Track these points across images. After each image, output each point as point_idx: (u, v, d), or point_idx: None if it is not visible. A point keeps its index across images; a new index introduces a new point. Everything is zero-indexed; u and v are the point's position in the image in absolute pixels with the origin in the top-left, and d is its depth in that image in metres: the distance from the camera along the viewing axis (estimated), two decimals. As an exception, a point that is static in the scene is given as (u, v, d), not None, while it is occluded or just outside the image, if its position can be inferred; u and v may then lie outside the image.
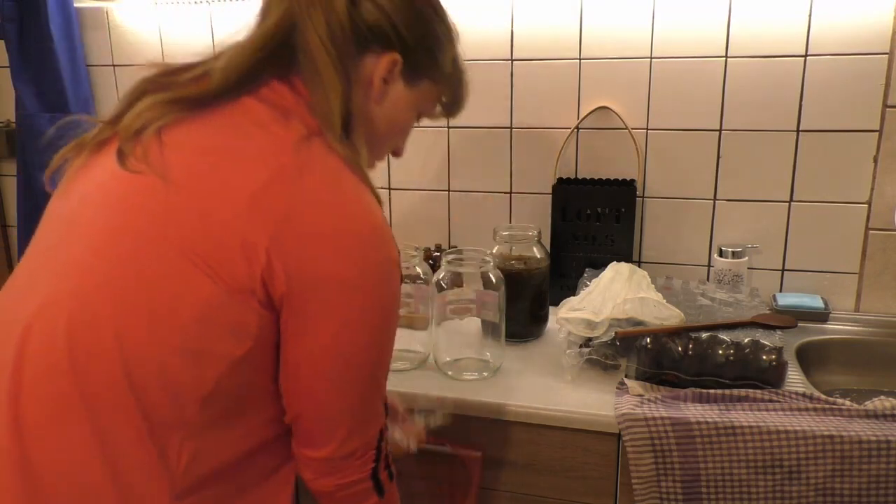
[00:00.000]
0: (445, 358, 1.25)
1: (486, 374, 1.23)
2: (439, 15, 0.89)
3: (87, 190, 0.78)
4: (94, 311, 0.71)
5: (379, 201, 0.79)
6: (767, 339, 1.13)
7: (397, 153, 0.98)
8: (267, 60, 0.79)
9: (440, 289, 1.22)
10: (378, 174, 1.69)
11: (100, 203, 0.76)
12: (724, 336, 1.14)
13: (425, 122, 1.47)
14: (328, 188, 0.74)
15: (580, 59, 1.51)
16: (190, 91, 0.78)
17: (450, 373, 1.23)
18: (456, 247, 1.62)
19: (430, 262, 1.48)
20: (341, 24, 0.79)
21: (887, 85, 1.37)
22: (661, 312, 1.21)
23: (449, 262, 1.23)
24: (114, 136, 0.78)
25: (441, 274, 1.23)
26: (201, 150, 0.75)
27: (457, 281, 1.22)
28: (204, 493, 0.75)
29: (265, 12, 0.82)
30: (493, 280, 1.22)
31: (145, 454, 0.71)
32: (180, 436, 0.72)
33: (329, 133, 0.77)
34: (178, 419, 0.71)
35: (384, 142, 0.91)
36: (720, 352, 1.13)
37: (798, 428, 1.01)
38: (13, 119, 1.87)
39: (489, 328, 1.26)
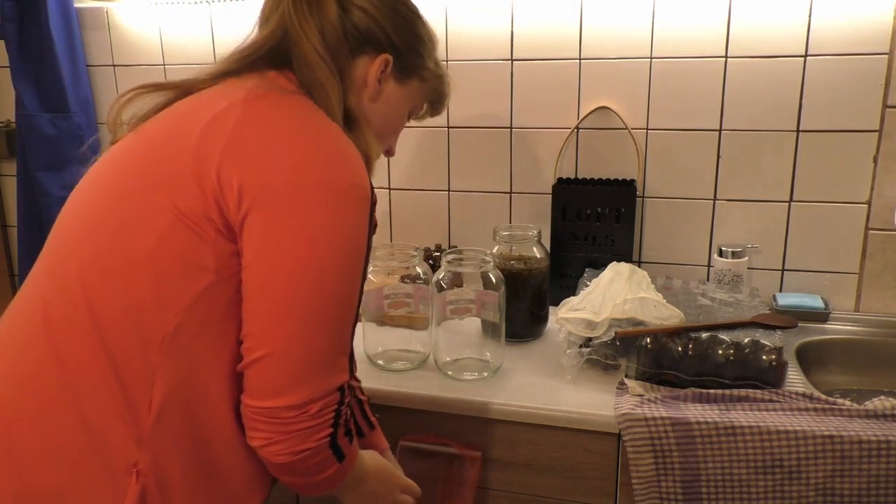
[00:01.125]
0: (445, 358, 1.25)
1: (486, 374, 1.23)
2: (420, 19, 0.97)
3: (91, 171, 0.86)
4: (64, 258, 0.77)
5: (368, 169, 0.82)
6: (767, 339, 1.13)
7: (390, 152, 1.04)
8: (252, 64, 0.86)
9: (440, 289, 1.22)
10: (378, 174, 1.69)
11: (93, 172, 0.84)
12: (724, 336, 1.14)
13: (426, 122, 1.48)
14: (291, 109, 0.79)
15: (580, 59, 1.51)
16: (179, 82, 0.86)
17: (450, 373, 1.23)
18: (456, 247, 1.62)
19: (430, 262, 1.48)
20: (335, 31, 0.85)
21: (887, 85, 1.37)
22: (661, 312, 1.21)
23: (449, 262, 1.23)
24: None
25: (441, 274, 1.23)
26: (177, 113, 0.82)
27: (457, 281, 1.22)
28: (175, 441, 0.73)
29: (259, 26, 0.89)
30: (493, 280, 1.22)
31: (111, 396, 0.71)
32: (146, 379, 0.71)
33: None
34: (143, 362, 0.72)
35: (379, 140, 0.94)
36: (720, 352, 1.13)
37: (798, 428, 1.01)
38: (13, 119, 1.87)
39: (489, 328, 1.26)
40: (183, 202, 0.72)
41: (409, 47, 0.93)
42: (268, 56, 0.86)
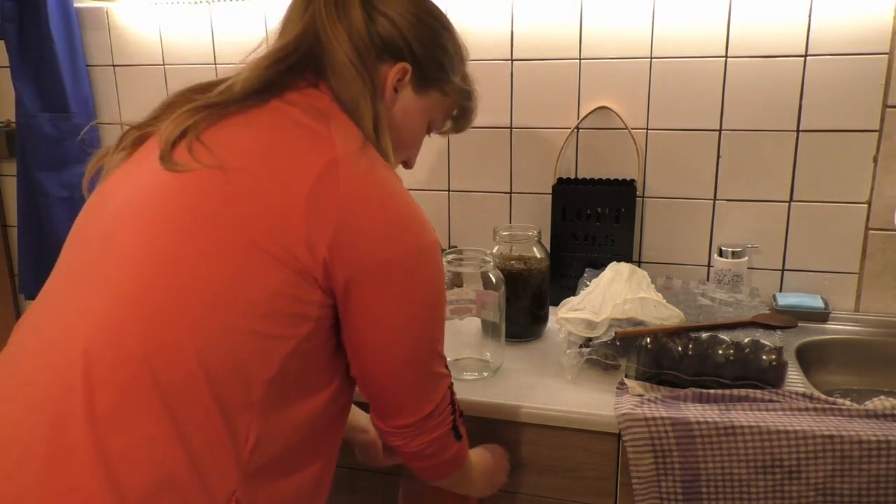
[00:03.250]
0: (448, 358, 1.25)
1: (486, 374, 1.23)
2: (448, 30, 0.96)
3: (127, 196, 0.80)
4: (160, 303, 0.72)
5: None
6: (767, 339, 1.13)
7: (409, 164, 1.04)
8: (288, 71, 0.85)
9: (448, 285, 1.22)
10: (378, 174, 1.69)
11: (146, 203, 0.78)
12: (724, 336, 1.14)
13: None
14: (375, 183, 0.80)
15: (580, 59, 1.51)
16: (217, 98, 0.83)
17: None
18: (456, 247, 1.62)
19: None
20: (361, 37, 0.86)
21: (887, 85, 1.37)
22: (661, 312, 1.21)
23: (449, 262, 1.23)
24: (145, 140, 0.84)
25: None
26: (246, 147, 0.79)
27: (457, 281, 1.22)
28: (269, 473, 0.77)
29: (284, 28, 0.89)
30: (493, 280, 1.22)
31: (217, 437, 0.72)
32: (248, 417, 0.74)
33: (365, 134, 0.84)
34: (245, 401, 0.74)
35: (396, 151, 0.94)
36: (720, 352, 1.13)
37: (798, 428, 1.01)
38: (13, 119, 1.87)
39: (489, 328, 1.26)
40: (295, 260, 0.74)
41: (432, 59, 0.93)
42: (298, 64, 0.86)
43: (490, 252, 1.28)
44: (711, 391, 1.09)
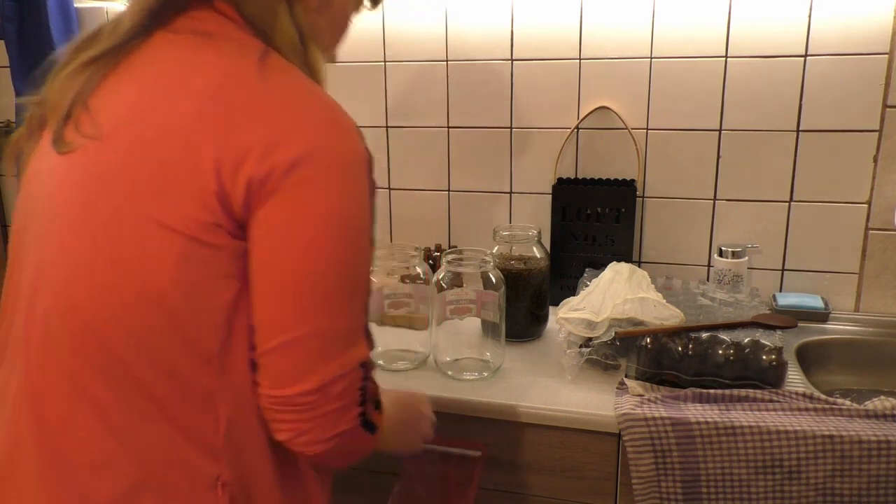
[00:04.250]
0: (445, 358, 1.25)
1: (486, 374, 1.23)
2: None
3: (33, 191, 0.76)
4: (73, 303, 0.69)
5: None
6: (767, 339, 1.13)
7: (333, 59, 0.90)
8: None
9: (440, 289, 1.22)
10: (378, 174, 1.69)
11: (46, 200, 0.73)
12: (724, 336, 1.14)
13: (426, 121, 1.48)
14: (273, 89, 0.70)
15: (580, 59, 1.51)
16: (105, 44, 0.75)
17: (450, 373, 1.23)
18: (456, 247, 1.62)
19: (430, 262, 1.48)
20: None
21: (887, 85, 1.37)
22: (661, 312, 1.21)
23: (449, 262, 1.23)
24: (49, 118, 0.76)
25: (441, 274, 1.23)
26: (129, 103, 0.71)
27: (457, 281, 1.22)
28: (250, 448, 0.73)
29: None
30: (493, 280, 1.22)
31: (186, 426, 0.69)
32: (206, 402, 0.69)
33: (284, 50, 0.74)
34: (198, 388, 0.69)
35: (326, 54, 0.84)
36: (720, 352, 1.13)
37: (798, 428, 1.01)
38: (13, 119, 1.87)
39: (489, 328, 1.26)
40: (190, 217, 0.67)
41: None
42: None
43: (490, 252, 1.28)
44: (711, 391, 1.09)
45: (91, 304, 0.69)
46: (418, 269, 1.27)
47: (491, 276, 1.22)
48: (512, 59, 1.55)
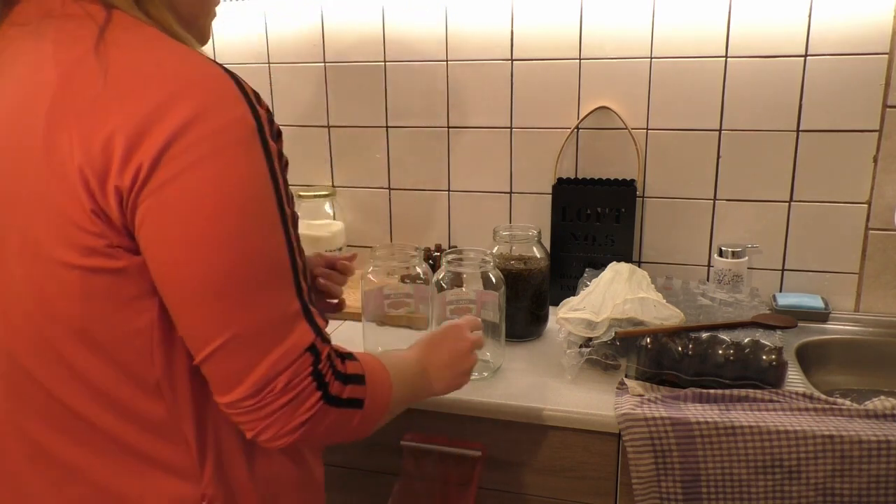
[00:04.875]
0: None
1: (486, 374, 1.23)
2: None
3: None
4: (2, 349, 0.66)
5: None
6: (767, 339, 1.13)
7: (204, 39, 0.78)
8: None
9: (440, 289, 1.22)
10: (378, 174, 1.69)
11: None
12: (724, 336, 1.14)
13: (426, 121, 1.47)
14: (134, 57, 0.61)
15: (580, 59, 1.51)
16: None
17: None
18: (456, 247, 1.62)
19: (430, 262, 1.48)
20: None
21: (887, 85, 1.37)
22: (661, 312, 1.21)
23: (449, 262, 1.23)
24: None
25: (441, 274, 1.23)
26: None
27: (457, 281, 1.22)
28: (229, 462, 0.71)
29: None
30: (493, 280, 1.22)
31: (160, 454, 0.67)
32: (168, 425, 0.67)
33: (125, 10, 0.64)
34: (157, 416, 0.66)
35: (191, 29, 0.72)
36: (720, 352, 1.13)
37: (798, 428, 1.01)
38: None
39: (489, 328, 1.26)
40: (81, 246, 0.60)
41: None
42: None
43: (490, 252, 1.28)
44: (711, 391, 1.09)
45: (19, 347, 0.65)
46: (418, 269, 1.27)
47: (491, 276, 1.22)
48: (512, 59, 1.55)
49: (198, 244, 0.60)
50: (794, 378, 1.18)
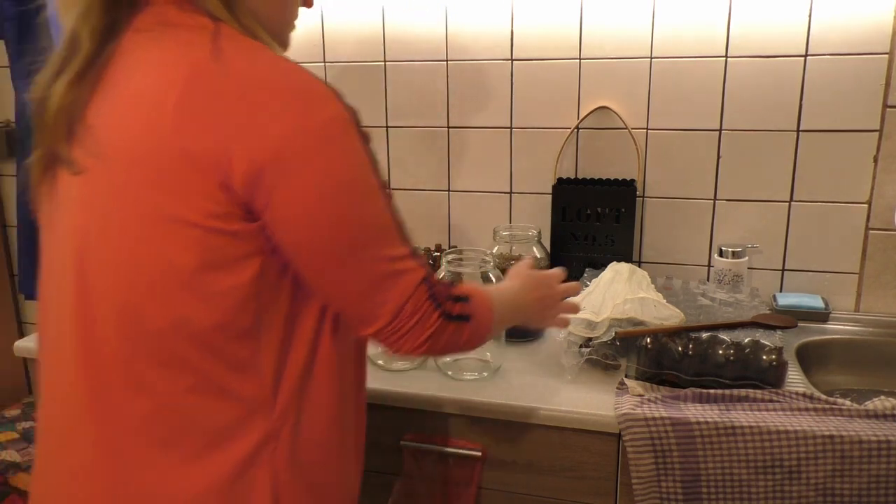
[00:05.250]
0: (445, 358, 1.25)
1: (486, 374, 1.23)
2: None
3: (59, 206, 0.79)
4: (121, 299, 0.74)
5: None
6: (767, 339, 1.13)
7: (308, 2, 0.89)
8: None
9: None
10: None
11: (74, 212, 0.77)
12: (724, 336, 1.14)
13: (426, 121, 1.47)
14: (247, 64, 0.71)
15: (580, 59, 1.51)
16: (76, 62, 0.75)
17: (450, 372, 1.23)
18: (456, 247, 1.62)
19: (430, 262, 1.48)
20: None
21: (887, 85, 1.37)
22: (661, 312, 1.21)
23: (449, 262, 1.23)
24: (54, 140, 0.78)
25: (441, 274, 1.23)
26: (120, 115, 0.73)
27: (457, 281, 1.22)
28: (298, 416, 0.79)
29: None
30: (493, 280, 1.22)
31: (238, 396, 0.76)
32: (253, 372, 0.76)
33: (227, 22, 0.75)
34: (241, 358, 0.75)
35: (278, 42, 0.83)
36: (720, 352, 1.13)
37: (798, 428, 1.01)
38: (13, 119, 1.87)
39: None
40: (203, 210, 0.70)
41: None
42: None
43: (490, 252, 1.28)
44: (711, 391, 1.09)
45: (133, 296, 0.74)
46: (418, 269, 1.27)
47: (491, 276, 1.22)
48: (512, 59, 1.55)
49: (321, 225, 0.73)
50: (794, 378, 1.18)
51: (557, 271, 1.07)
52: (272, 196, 0.71)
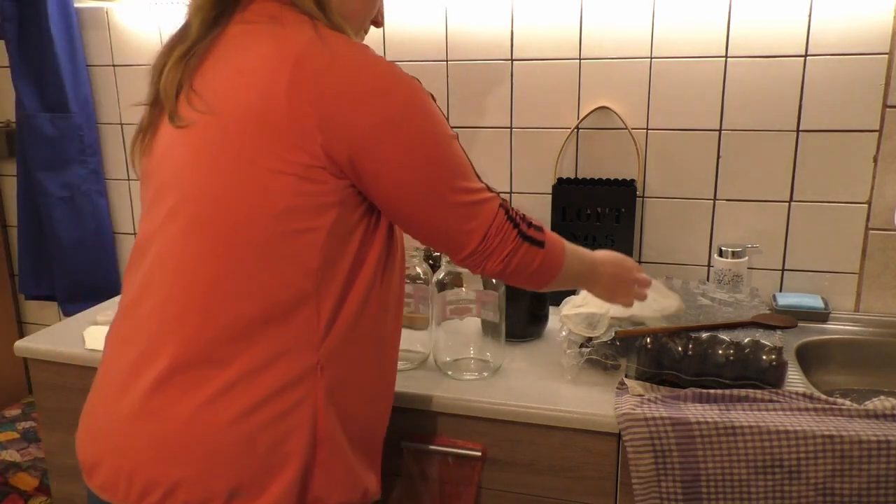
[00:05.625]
0: (445, 358, 1.25)
1: (486, 374, 1.23)
2: None
3: (163, 160, 0.91)
4: (211, 227, 0.85)
5: None
6: (767, 339, 1.13)
7: (378, 23, 1.05)
8: None
9: (440, 288, 1.22)
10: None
11: (179, 163, 0.88)
12: (724, 336, 1.14)
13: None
14: (338, 57, 0.83)
15: (580, 59, 1.51)
16: (193, 38, 0.90)
17: (450, 373, 1.23)
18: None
19: (430, 262, 1.48)
20: None
21: (887, 85, 1.37)
22: (659, 303, 1.20)
23: (449, 262, 1.23)
24: (162, 111, 0.91)
25: (441, 274, 1.23)
26: (229, 78, 0.86)
27: (457, 281, 1.22)
28: (344, 349, 0.89)
29: None
30: (494, 280, 1.22)
31: (294, 323, 0.85)
32: (312, 303, 0.85)
33: (320, 19, 0.88)
34: (304, 290, 0.85)
35: (350, 24, 0.95)
36: (720, 352, 1.13)
37: (798, 428, 1.01)
38: (13, 119, 1.87)
39: (489, 328, 1.26)
40: (298, 163, 0.82)
41: None
42: None
43: None
44: (711, 391, 1.09)
45: (226, 226, 0.84)
46: (418, 269, 1.27)
47: None
48: (512, 59, 1.55)
49: (413, 176, 0.86)
50: (794, 378, 1.18)
51: (635, 264, 1.16)
52: (369, 157, 0.83)
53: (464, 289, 1.22)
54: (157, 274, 0.88)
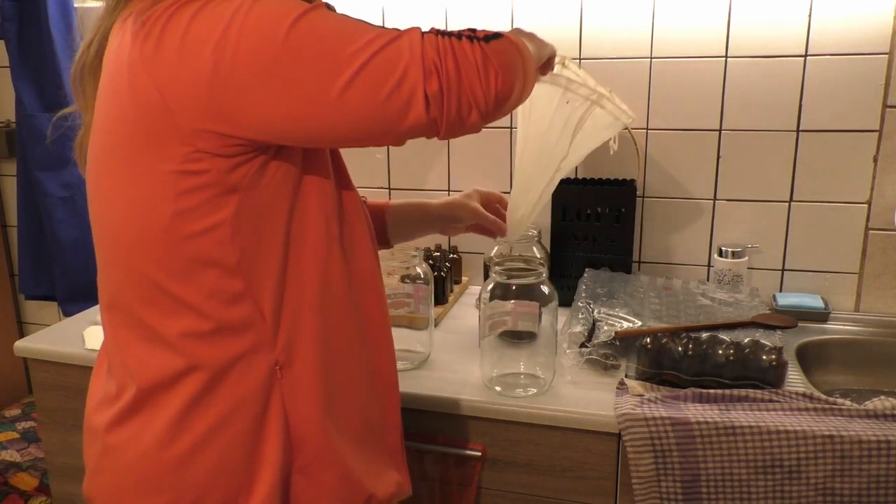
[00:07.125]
0: (493, 373, 1.19)
1: (534, 390, 1.16)
2: None
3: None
4: (114, 243, 0.81)
5: None
6: (767, 339, 1.13)
7: None
8: None
9: (492, 297, 1.14)
10: (378, 174, 1.69)
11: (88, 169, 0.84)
12: (724, 336, 1.14)
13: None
14: (164, 24, 0.72)
15: (580, 60, 1.51)
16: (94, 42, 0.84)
17: (498, 388, 1.17)
18: (455, 247, 1.62)
19: (430, 262, 1.48)
20: None
21: (887, 85, 1.37)
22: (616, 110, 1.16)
23: (498, 274, 1.14)
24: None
25: (490, 285, 1.15)
26: (103, 82, 0.80)
27: (508, 294, 1.14)
28: (298, 327, 0.82)
29: None
30: (546, 292, 1.15)
31: (242, 319, 0.79)
32: (246, 303, 0.79)
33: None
34: (228, 294, 0.78)
35: None
36: (720, 352, 1.13)
37: (798, 428, 1.01)
38: (13, 119, 1.87)
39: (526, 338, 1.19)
40: (170, 158, 0.73)
41: None
42: None
43: (539, 259, 1.23)
44: (711, 391, 1.09)
45: (126, 240, 0.78)
46: (418, 270, 1.27)
47: (544, 288, 1.14)
48: (512, 59, 1.55)
49: (289, 99, 0.71)
50: (794, 378, 1.18)
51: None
52: (233, 110, 0.71)
53: (503, 301, 1.14)
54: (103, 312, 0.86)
